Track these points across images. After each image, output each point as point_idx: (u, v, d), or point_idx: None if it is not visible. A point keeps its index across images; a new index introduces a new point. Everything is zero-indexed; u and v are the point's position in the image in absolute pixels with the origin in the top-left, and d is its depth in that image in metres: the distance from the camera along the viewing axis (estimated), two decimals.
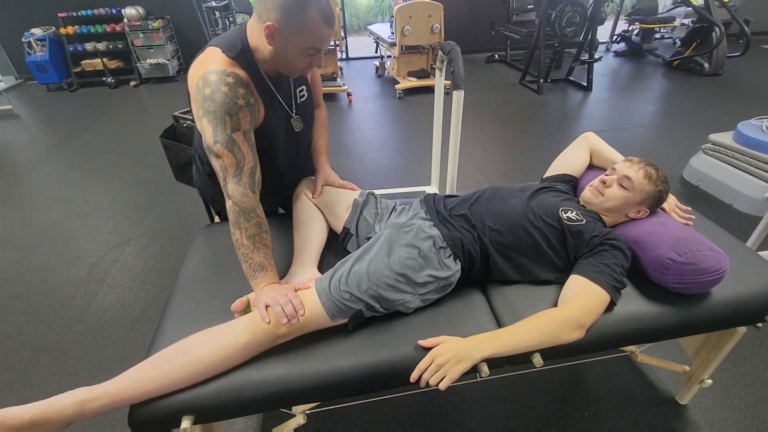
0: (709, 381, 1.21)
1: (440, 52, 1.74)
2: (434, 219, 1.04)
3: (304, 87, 1.12)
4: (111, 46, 4.66)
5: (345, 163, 2.95)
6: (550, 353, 0.86)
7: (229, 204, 0.90)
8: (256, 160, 0.93)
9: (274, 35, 0.86)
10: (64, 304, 1.78)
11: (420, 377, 0.80)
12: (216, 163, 0.89)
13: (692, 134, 3.15)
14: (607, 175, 1.07)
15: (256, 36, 0.91)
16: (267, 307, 0.83)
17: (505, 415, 1.29)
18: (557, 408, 1.31)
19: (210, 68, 0.88)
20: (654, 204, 1.04)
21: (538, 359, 0.86)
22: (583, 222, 0.98)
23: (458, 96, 1.58)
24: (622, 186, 1.03)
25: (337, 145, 3.23)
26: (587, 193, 1.08)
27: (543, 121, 3.57)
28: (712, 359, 1.16)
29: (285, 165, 1.17)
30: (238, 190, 0.89)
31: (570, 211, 1.00)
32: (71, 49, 4.61)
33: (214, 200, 1.29)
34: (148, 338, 1.57)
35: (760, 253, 1.76)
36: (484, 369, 0.83)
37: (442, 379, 0.78)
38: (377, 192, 2.40)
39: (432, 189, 2.29)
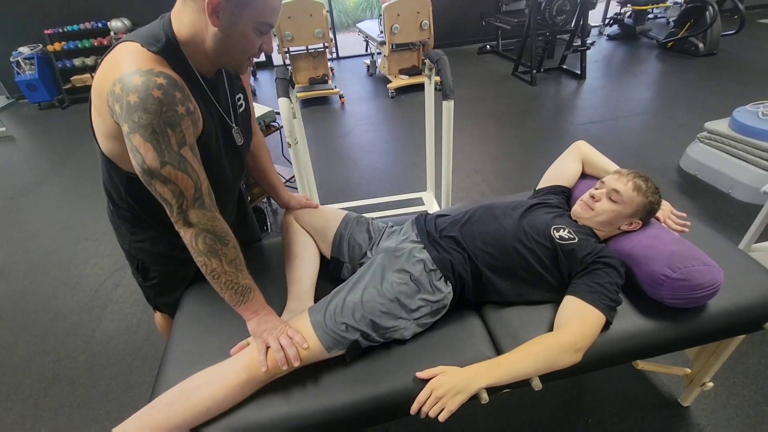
0: (710, 384, 1.21)
1: (428, 60, 1.72)
2: (424, 241, 1.04)
3: (241, 95, 0.96)
4: (100, 61, 4.61)
5: (340, 170, 2.94)
6: (548, 376, 0.87)
7: (191, 233, 0.77)
8: (205, 175, 0.79)
9: (218, 11, 0.69)
10: (69, 334, 1.80)
11: (420, 409, 0.81)
12: (163, 190, 0.73)
13: (688, 120, 3.12)
14: (596, 188, 1.07)
15: (188, 24, 0.74)
16: (267, 347, 0.83)
17: (509, 427, 1.30)
18: (560, 417, 1.32)
19: (128, 68, 0.68)
20: (646, 215, 1.04)
21: (536, 382, 0.87)
22: (576, 240, 0.97)
23: (448, 107, 1.57)
24: (611, 199, 1.02)
25: (332, 151, 3.22)
26: (577, 208, 1.07)
27: (537, 114, 3.54)
28: (712, 363, 1.17)
29: (228, 188, 1.00)
30: (206, 216, 0.78)
31: (562, 229, 1.00)
32: (60, 65, 4.59)
33: (143, 251, 1.02)
34: (154, 365, 1.58)
35: (758, 244, 1.76)
36: (484, 395, 0.84)
37: (442, 410, 0.79)
38: (374, 201, 2.39)
39: (428, 195, 2.29)
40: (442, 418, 0.79)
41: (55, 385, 1.58)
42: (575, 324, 0.87)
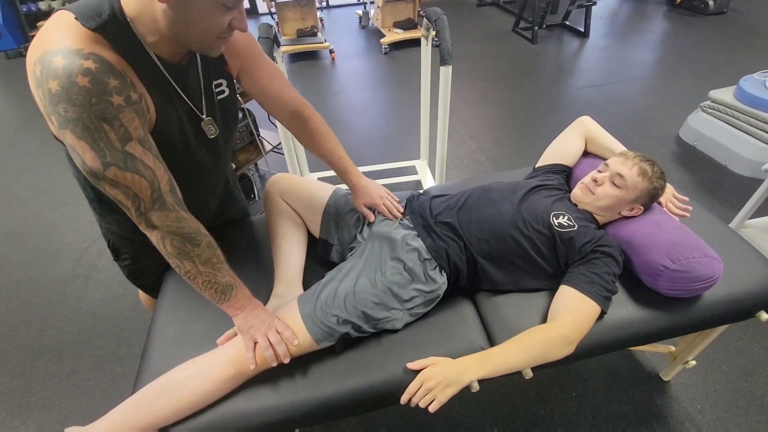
0: (693, 362, 1.24)
1: (425, 19, 1.59)
2: (418, 228, 0.99)
3: (223, 81, 0.82)
4: (66, 2, 4.25)
5: None
6: (538, 366, 0.86)
7: (156, 236, 0.69)
8: (168, 169, 0.70)
9: None
10: (54, 303, 1.76)
11: (410, 399, 0.80)
12: (115, 193, 0.64)
13: (692, 86, 3.02)
14: (599, 171, 1.02)
15: None
16: (255, 343, 0.80)
17: (496, 399, 1.34)
18: (545, 390, 1.35)
19: (52, 45, 0.56)
20: (649, 201, 0.99)
21: (527, 371, 0.86)
22: (575, 228, 0.94)
23: (446, 72, 1.47)
24: (614, 184, 0.98)
25: (321, 112, 2.98)
26: (577, 192, 1.03)
27: (537, 76, 3.39)
28: (698, 344, 1.19)
29: (209, 178, 0.93)
30: (170, 217, 0.68)
31: (561, 216, 0.96)
32: (24, 9, 4.21)
33: (111, 233, 0.97)
34: (143, 336, 1.55)
35: (752, 220, 1.75)
36: (474, 385, 0.83)
37: (432, 401, 0.79)
38: (365, 169, 2.31)
39: (421, 164, 2.21)
40: (432, 409, 0.78)
41: (43, 356, 1.57)
42: (570, 315, 0.85)
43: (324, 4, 5.32)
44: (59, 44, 0.56)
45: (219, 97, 0.83)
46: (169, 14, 0.60)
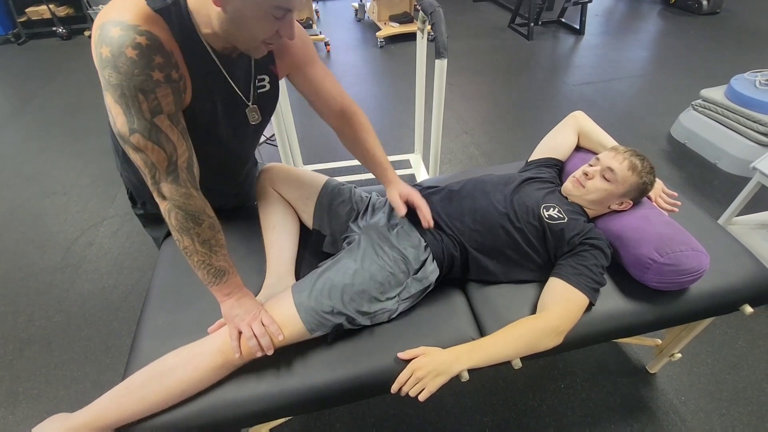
0: (679, 355, 1.27)
1: (421, 12, 1.58)
2: (414, 220, 0.99)
3: (266, 77, 0.87)
4: None
5: (324, 127, 2.78)
6: (527, 356, 0.87)
7: (166, 206, 0.73)
8: (192, 148, 0.74)
9: None
10: (42, 293, 1.74)
11: (400, 388, 0.81)
12: (135, 158, 0.69)
13: (684, 85, 3.05)
14: (590, 165, 1.03)
15: None
16: (240, 333, 0.80)
17: (485, 389, 1.35)
18: (534, 382, 1.37)
19: (114, 16, 0.62)
20: (638, 195, 1.01)
21: (516, 361, 0.87)
22: (565, 220, 0.95)
23: (441, 65, 1.46)
24: (604, 178, 0.99)
25: None
26: (568, 185, 1.04)
27: (532, 72, 3.40)
28: (684, 337, 1.21)
29: (241, 162, 1.01)
30: (179, 191, 0.72)
31: (552, 208, 0.96)
32: None
33: (130, 182, 1.04)
34: (132, 327, 1.55)
35: (739, 217, 1.78)
36: (464, 374, 0.84)
37: (422, 390, 0.79)
38: (359, 162, 2.31)
39: (416, 157, 2.21)
40: (422, 398, 0.79)
41: (31, 346, 1.55)
42: (558, 307, 0.86)
43: None
44: (121, 16, 0.62)
45: (259, 91, 0.88)
46: (222, 16, 0.65)
